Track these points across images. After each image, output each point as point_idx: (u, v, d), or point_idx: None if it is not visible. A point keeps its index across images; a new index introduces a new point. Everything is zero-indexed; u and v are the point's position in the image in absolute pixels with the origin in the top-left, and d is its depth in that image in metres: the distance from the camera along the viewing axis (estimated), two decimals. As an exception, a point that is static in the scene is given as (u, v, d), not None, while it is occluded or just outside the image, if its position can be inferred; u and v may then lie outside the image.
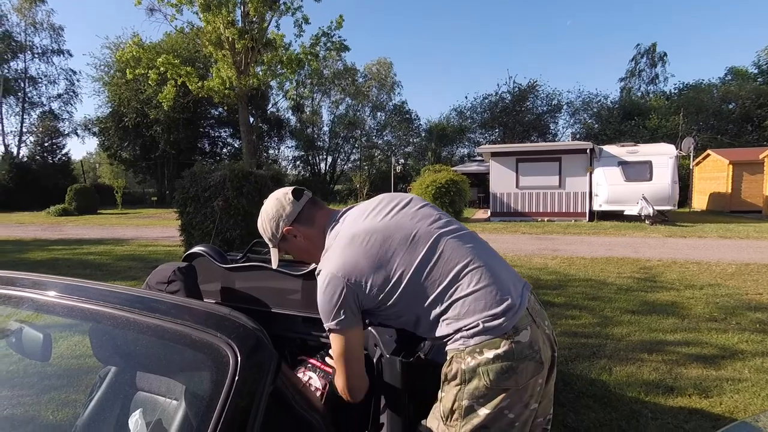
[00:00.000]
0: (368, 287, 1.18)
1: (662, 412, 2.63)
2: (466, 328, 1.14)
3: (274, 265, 1.45)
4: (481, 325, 1.13)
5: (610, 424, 2.51)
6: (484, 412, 1.12)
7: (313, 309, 1.79)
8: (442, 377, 1.20)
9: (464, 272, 1.18)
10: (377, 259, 1.19)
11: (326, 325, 1.22)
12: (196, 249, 2.06)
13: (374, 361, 1.49)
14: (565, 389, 2.89)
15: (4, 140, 30.52)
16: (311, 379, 1.53)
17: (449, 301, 1.17)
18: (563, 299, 5.14)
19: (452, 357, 1.18)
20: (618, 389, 2.94)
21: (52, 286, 1.15)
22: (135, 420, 1.13)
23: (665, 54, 35.22)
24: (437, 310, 1.18)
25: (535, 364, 1.14)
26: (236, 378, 0.86)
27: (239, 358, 0.89)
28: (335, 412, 1.45)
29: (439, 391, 1.22)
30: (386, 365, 1.39)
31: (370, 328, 1.58)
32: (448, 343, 1.19)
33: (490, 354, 1.11)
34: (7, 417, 2.32)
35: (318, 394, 1.47)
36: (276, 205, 1.36)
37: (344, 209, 1.38)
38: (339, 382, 1.26)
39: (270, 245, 1.41)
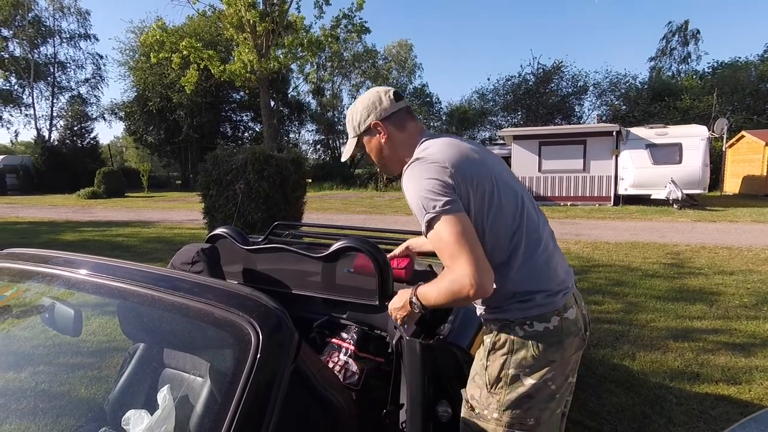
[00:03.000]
0: (470, 187, 1.11)
1: (687, 398, 2.59)
2: (527, 293, 1.15)
3: (344, 157, 1.40)
4: (537, 297, 1.15)
5: (632, 408, 2.49)
6: (529, 382, 1.15)
7: (332, 291, 1.81)
8: (488, 345, 1.20)
9: (540, 240, 1.19)
10: (477, 169, 1.14)
11: (429, 216, 1.08)
12: (219, 231, 2.09)
13: (394, 342, 1.51)
14: (587, 373, 2.87)
15: (36, 124, 31.45)
16: (347, 363, 1.55)
17: (522, 260, 1.15)
18: (586, 284, 5.06)
19: (500, 326, 1.18)
20: (641, 375, 2.90)
21: (83, 264, 1.18)
22: (163, 395, 1.17)
23: (698, 31, 33.65)
24: (499, 260, 1.14)
25: (579, 341, 1.20)
26: (258, 356, 0.87)
27: (261, 337, 0.90)
28: (366, 392, 1.47)
29: (480, 359, 1.23)
30: (406, 347, 1.40)
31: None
32: (497, 311, 1.18)
33: (540, 327, 1.15)
34: (44, 390, 2.44)
35: (356, 378, 1.49)
36: (375, 96, 1.30)
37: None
38: (461, 270, 1.03)
39: (351, 134, 1.35)
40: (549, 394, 1.17)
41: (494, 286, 1.10)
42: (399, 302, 1.25)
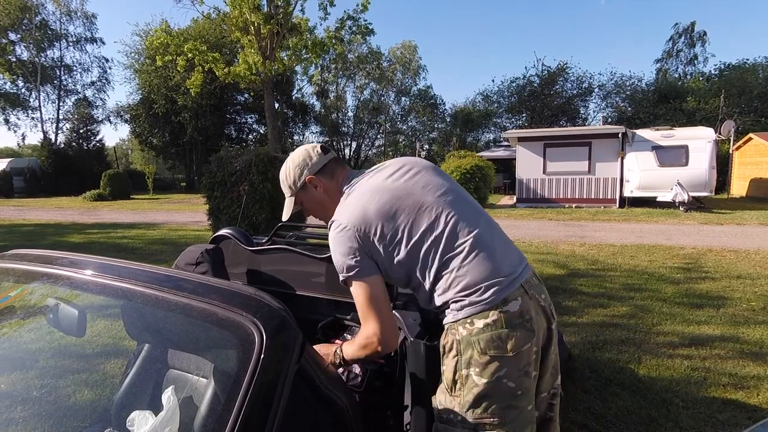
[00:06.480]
0: (375, 238, 1.22)
1: (695, 402, 2.56)
2: (453, 301, 1.20)
3: (285, 217, 1.46)
4: (467, 300, 1.18)
5: (639, 412, 2.46)
6: (482, 381, 1.15)
7: (336, 291, 1.81)
8: (443, 350, 1.24)
9: (460, 248, 1.21)
10: (384, 214, 1.22)
11: (343, 277, 1.24)
12: (223, 231, 2.09)
13: (398, 344, 1.50)
14: (593, 376, 2.85)
15: (42, 127, 31.64)
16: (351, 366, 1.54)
17: (442, 274, 1.21)
18: (591, 287, 5.03)
19: (447, 329, 1.23)
20: (647, 378, 2.87)
21: (87, 264, 1.19)
22: (168, 396, 1.17)
23: (705, 33, 33.55)
24: (430, 280, 1.23)
25: (525, 332, 1.18)
26: (262, 356, 0.87)
27: (264, 337, 0.89)
28: (369, 394, 1.46)
29: (441, 364, 1.25)
30: (410, 349, 1.39)
31: (393, 311, 1.58)
32: (443, 316, 1.24)
33: (480, 324, 1.16)
34: (49, 391, 2.44)
35: (359, 380, 1.49)
36: (303, 154, 1.40)
37: (360, 171, 1.41)
38: (370, 329, 1.21)
39: (288, 194, 1.44)
40: (507, 392, 1.15)
41: (432, 303, 1.24)
42: (327, 351, 1.35)
